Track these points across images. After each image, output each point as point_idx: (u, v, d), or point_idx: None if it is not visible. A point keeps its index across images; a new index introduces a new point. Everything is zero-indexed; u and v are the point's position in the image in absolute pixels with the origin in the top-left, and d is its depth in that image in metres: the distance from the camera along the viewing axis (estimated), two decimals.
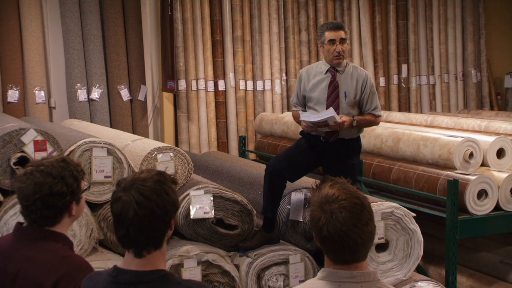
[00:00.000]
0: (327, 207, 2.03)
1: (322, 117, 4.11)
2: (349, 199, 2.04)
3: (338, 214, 2.01)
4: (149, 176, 2.16)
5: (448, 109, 9.16)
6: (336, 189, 2.08)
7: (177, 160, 4.32)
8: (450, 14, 9.25)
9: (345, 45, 4.31)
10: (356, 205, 2.03)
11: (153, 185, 2.13)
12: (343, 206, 2.01)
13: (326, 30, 4.29)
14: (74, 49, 6.76)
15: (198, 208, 4.04)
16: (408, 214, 4.28)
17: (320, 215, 2.03)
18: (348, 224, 2.00)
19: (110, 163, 4.12)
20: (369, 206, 2.07)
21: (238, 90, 7.82)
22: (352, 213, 2.01)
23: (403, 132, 5.63)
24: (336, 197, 2.04)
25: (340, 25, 4.33)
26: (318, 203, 2.06)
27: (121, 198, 2.11)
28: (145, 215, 2.09)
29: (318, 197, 2.08)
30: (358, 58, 8.54)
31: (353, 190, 2.09)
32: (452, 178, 4.63)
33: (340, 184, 2.11)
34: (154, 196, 2.11)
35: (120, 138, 4.90)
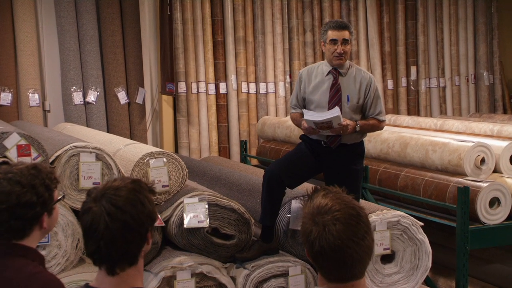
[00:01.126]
0: (319, 219, 1.90)
1: (327, 116, 3.96)
2: (343, 209, 1.90)
3: (331, 226, 1.87)
4: (122, 185, 2.02)
5: (459, 113, 9.08)
6: (329, 199, 1.94)
7: (170, 166, 4.17)
8: (462, 14, 9.17)
9: (348, 47, 4.13)
10: (352, 216, 1.90)
11: (127, 194, 1.99)
12: (336, 217, 1.88)
13: (329, 29, 4.13)
14: (69, 50, 6.65)
15: (192, 217, 3.92)
16: (416, 224, 4.18)
17: (311, 228, 1.90)
18: (342, 238, 1.86)
19: (99, 169, 3.97)
20: (366, 217, 1.93)
21: (240, 93, 7.71)
22: (347, 225, 1.88)
23: (411, 136, 5.55)
24: (329, 207, 1.91)
25: (344, 25, 4.14)
26: (310, 214, 1.93)
27: (91, 209, 1.98)
28: (118, 228, 1.95)
29: (310, 208, 1.95)
30: (365, 59, 8.44)
31: (348, 200, 1.96)
32: (463, 185, 4.54)
33: (334, 194, 1.97)
34: (128, 206, 1.97)
35: (112, 142, 4.79)
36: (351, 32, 4.15)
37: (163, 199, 4.12)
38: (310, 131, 4.09)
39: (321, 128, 4.01)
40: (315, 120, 3.98)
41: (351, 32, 4.15)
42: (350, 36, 4.12)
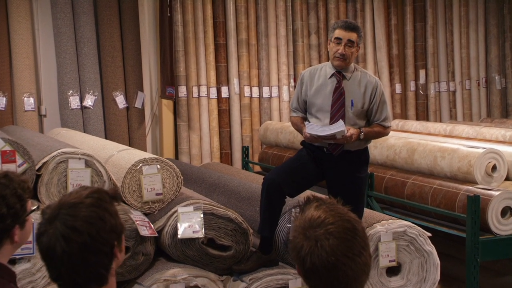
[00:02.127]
0: (311, 233, 1.77)
1: (331, 131, 3.82)
2: (337, 222, 1.77)
3: (324, 241, 1.74)
4: (78, 200, 1.85)
5: (470, 118, 8.97)
6: (323, 211, 1.80)
7: (164, 173, 4.08)
8: (472, 16, 9.02)
9: (353, 50, 3.95)
10: (347, 230, 1.77)
11: (84, 211, 1.82)
12: (330, 231, 1.75)
13: (337, 27, 3.97)
14: (66, 52, 6.56)
15: (186, 227, 3.83)
16: (423, 234, 4.10)
17: (302, 242, 1.78)
18: (336, 254, 1.73)
19: (88, 176, 3.89)
20: (363, 231, 1.81)
21: (242, 97, 7.61)
22: (341, 240, 1.75)
23: (418, 142, 5.44)
24: (322, 220, 1.78)
25: (353, 26, 3.96)
26: (301, 228, 1.80)
27: (46, 232, 1.81)
28: (77, 252, 1.78)
29: (301, 221, 1.82)
30: (372, 63, 8.35)
31: (344, 212, 1.82)
32: (473, 194, 4.42)
33: (328, 205, 1.83)
34: (86, 226, 1.80)
35: (105, 148, 4.69)
36: (360, 35, 3.97)
37: (157, 208, 4.04)
38: (312, 139, 3.95)
39: (324, 138, 3.88)
40: (318, 135, 3.85)
41: (360, 35, 3.97)
42: (357, 39, 3.94)
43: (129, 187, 3.95)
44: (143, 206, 3.99)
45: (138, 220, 3.80)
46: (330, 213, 1.79)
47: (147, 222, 3.85)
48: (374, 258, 4.00)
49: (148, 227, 3.81)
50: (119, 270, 3.75)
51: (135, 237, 3.78)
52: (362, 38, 3.97)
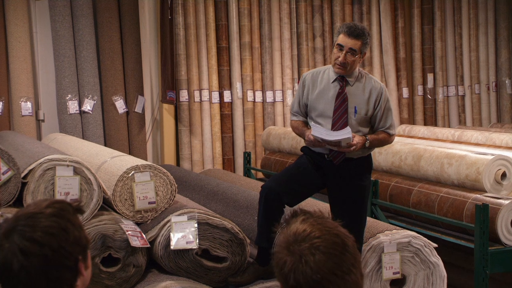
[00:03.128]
0: (296, 248, 1.64)
1: (338, 137, 3.67)
2: (325, 236, 1.64)
3: (309, 256, 1.62)
4: (37, 210, 1.69)
5: (480, 123, 8.91)
6: (309, 225, 1.68)
7: (157, 181, 3.96)
8: (482, 18, 8.95)
9: (355, 58, 3.77)
10: (335, 245, 1.64)
11: (44, 221, 1.67)
12: (316, 246, 1.62)
13: (342, 32, 3.80)
14: (64, 56, 6.46)
15: (180, 237, 3.73)
16: (429, 245, 4.04)
17: (285, 258, 1.65)
18: (323, 271, 1.61)
19: (77, 184, 3.74)
20: (353, 247, 1.68)
21: (245, 102, 7.53)
22: (328, 256, 1.62)
23: (425, 148, 5.33)
24: (307, 234, 1.65)
25: (357, 33, 3.76)
26: (285, 242, 1.68)
27: (1, 247, 1.66)
28: (36, 267, 1.63)
29: (285, 235, 1.69)
30: (378, 66, 8.27)
31: (333, 226, 1.69)
32: (481, 203, 4.33)
33: (316, 219, 1.70)
34: (46, 237, 1.65)
35: (99, 154, 4.56)
36: (365, 42, 3.77)
37: (150, 217, 3.91)
38: (314, 143, 3.79)
39: (328, 144, 3.73)
40: (324, 139, 3.70)
41: (365, 42, 3.77)
42: (361, 47, 3.76)
43: (121, 195, 3.84)
44: (135, 215, 3.87)
45: (129, 230, 3.69)
46: (317, 227, 1.66)
47: (139, 232, 3.74)
48: (378, 270, 3.91)
49: (139, 238, 3.69)
50: (109, 283, 3.65)
51: (125, 248, 3.67)
52: (368, 44, 3.78)
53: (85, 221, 3.66)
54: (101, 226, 3.66)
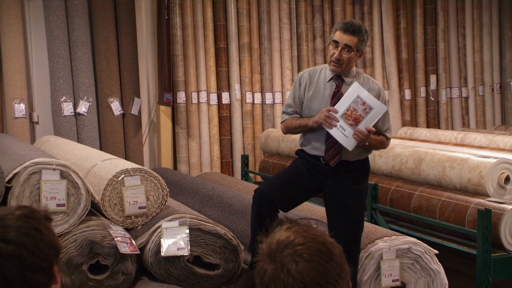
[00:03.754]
0: (278, 256, 1.54)
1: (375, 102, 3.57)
2: (309, 244, 1.54)
3: (291, 264, 1.51)
4: (7, 212, 1.61)
5: (483, 125, 8.86)
6: (293, 232, 1.58)
7: (148, 185, 3.86)
8: (486, 19, 8.91)
9: (351, 55, 3.65)
10: (320, 253, 1.53)
11: (16, 222, 1.58)
12: (299, 253, 1.52)
13: (338, 29, 3.70)
14: (59, 57, 6.37)
15: (170, 244, 3.65)
16: (429, 251, 3.98)
17: (266, 266, 1.55)
18: (306, 280, 1.50)
19: (64, 188, 3.63)
20: (340, 257, 1.57)
21: (244, 104, 7.46)
22: (313, 264, 1.51)
23: (426, 151, 5.25)
24: (290, 241, 1.55)
25: (353, 29, 3.65)
26: (267, 251, 1.58)
27: None
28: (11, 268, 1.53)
29: (268, 244, 1.59)
30: (380, 67, 8.20)
31: (318, 233, 1.59)
32: (484, 208, 4.25)
33: (302, 227, 1.59)
34: (21, 237, 1.56)
35: (90, 157, 4.45)
36: (362, 39, 3.66)
37: (140, 223, 3.82)
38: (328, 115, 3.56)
39: (346, 117, 3.56)
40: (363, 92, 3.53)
41: (362, 39, 3.66)
42: (358, 43, 3.64)
43: (110, 200, 3.74)
44: (125, 220, 3.78)
45: (118, 236, 3.59)
46: (302, 234, 1.56)
47: (128, 238, 3.64)
48: (376, 278, 3.84)
49: (129, 244, 3.59)
50: None
51: (114, 255, 3.58)
52: (365, 42, 3.66)
53: (72, 227, 3.56)
54: (89, 232, 3.56)
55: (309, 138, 3.76)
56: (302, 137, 3.83)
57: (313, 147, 3.74)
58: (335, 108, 3.56)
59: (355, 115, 3.54)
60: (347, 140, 3.57)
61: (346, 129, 3.55)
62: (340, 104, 3.56)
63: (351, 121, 3.55)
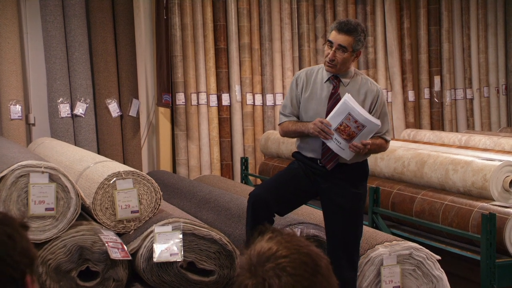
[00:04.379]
0: (259, 270, 1.42)
1: (370, 118, 3.45)
2: (293, 256, 1.43)
3: (273, 279, 1.40)
4: None
5: (489, 127, 8.77)
6: (275, 242, 1.47)
7: (141, 188, 3.79)
8: (491, 19, 8.82)
9: (345, 55, 3.53)
10: (305, 266, 1.42)
11: None
12: (282, 266, 1.40)
13: (334, 28, 3.59)
14: (56, 58, 6.31)
15: (163, 249, 3.58)
16: (431, 257, 3.92)
17: (246, 282, 1.44)
18: None
19: (53, 192, 3.55)
20: (327, 269, 1.46)
21: (244, 105, 7.39)
22: (297, 278, 1.40)
23: (429, 154, 5.16)
24: (272, 253, 1.44)
25: (348, 29, 3.53)
26: (247, 264, 1.46)
27: None
28: None
29: (248, 256, 1.48)
30: (383, 68, 8.12)
31: (303, 244, 1.48)
32: (488, 212, 4.18)
33: (285, 237, 1.49)
34: None
35: (82, 160, 4.36)
36: (358, 39, 3.53)
37: (133, 227, 3.74)
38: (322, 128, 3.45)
39: (339, 132, 3.45)
40: (354, 111, 3.40)
41: (358, 39, 3.53)
42: (353, 44, 3.52)
43: (101, 203, 3.66)
44: (116, 225, 3.70)
45: (110, 241, 3.50)
46: (285, 245, 1.44)
47: (120, 243, 3.55)
48: (376, 284, 3.76)
49: (120, 249, 3.51)
50: None
51: (105, 261, 3.50)
52: (361, 42, 3.53)
53: (61, 232, 3.47)
54: (79, 237, 3.49)
55: (306, 140, 3.64)
56: (299, 139, 3.71)
57: (310, 149, 3.63)
58: (328, 121, 3.44)
59: (349, 131, 3.44)
60: (344, 152, 3.47)
61: (342, 142, 3.46)
62: (332, 118, 3.45)
63: (345, 136, 3.44)
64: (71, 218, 3.50)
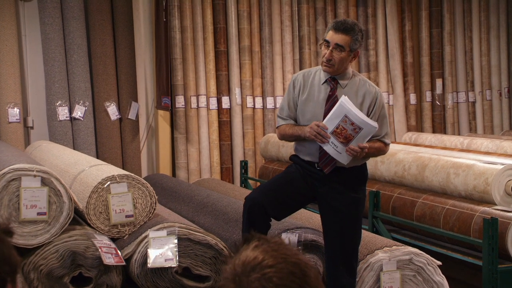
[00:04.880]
0: (244, 280, 1.36)
1: (366, 120, 3.37)
2: (280, 265, 1.36)
3: None
4: None
5: (491, 131, 8.70)
6: (261, 251, 1.40)
7: (136, 192, 3.72)
8: (493, 21, 8.75)
9: (342, 55, 3.46)
10: (292, 276, 1.35)
11: None
12: (268, 276, 1.34)
13: (330, 28, 3.52)
14: (54, 60, 6.25)
15: (158, 254, 3.52)
16: (432, 263, 3.84)
17: None
18: None
19: (45, 196, 3.50)
20: (316, 279, 1.39)
21: (245, 108, 7.31)
22: None
23: (430, 157, 5.10)
24: (258, 262, 1.37)
25: (346, 28, 3.46)
26: (231, 274, 1.40)
27: None
28: None
29: (232, 265, 1.41)
30: (384, 71, 8.04)
31: (291, 253, 1.41)
32: (490, 216, 4.12)
33: (271, 245, 1.41)
34: None
35: (77, 163, 4.30)
36: (355, 38, 3.46)
37: (127, 232, 3.67)
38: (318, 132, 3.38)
39: (336, 135, 3.37)
40: (350, 113, 3.33)
41: (355, 38, 3.46)
42: (350, 43, 3.45)
43: (95, 208, 3.60)
44: (111, 229, 3.64)
45: (103, 246, 3.44)
46: (271, 254, 1.38)
47: (114, 248, 3.49)
48: None
49: (114, 255, 3.45)
50: None
51: (98, 266, 3.44)
52: (358, 41, 3.47)
53: (54, 237, 3.41)
54: (71, 242, 3.43)
55: (303, 143, 3.57)
56: (297, 142, 3.65)
57: (307, 153, 3.55)
58: (324, 124, 3.37)
59: (345, 134, 3.36)
60: (341, 156, 3.39)
61: (338, 146, 3.38)
62: (329, 121, 3.37)
63: (341, 139, 3.36)
64: (64, 222, 3.45)
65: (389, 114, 7.92)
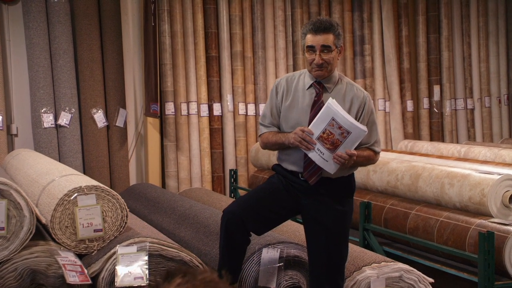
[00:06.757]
0: None
1: (355, 123, 3.18)
2: None
3: None
4: None
5: (490, 139, 8.68)
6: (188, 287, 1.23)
7: (105, 204, 3.52)
8: (492, 27, 8.76)
9: (332, 55, 3.29)
10: None
11: None
12: None
13: (308, 32, 3.34)
14: (39, 66, 6.15)
15: (126, 272, 3.33)
16: (424, 280, 3.68)
17: None
18: None
19: (3, 209, 3.31)
20: None
21: (237, 115, 7.23)
22: None
23: (423, 166, 4.96)
24: None
25: (326, 26, 3.29)
26: None
27: None
28: None
29: None
30: (381, 78, 7.98)
31: None
32: (486, 230, 4.00)
33: (197, 283, 1.24)
34: None
35: (49, 173, 4.08)
36: (337, 34, 3.29)
37: (96, 248, 3.47)
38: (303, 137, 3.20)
39: (322, 140, 3.19)
40: (338, 115, 3.14)
41: (337, 34, 3.29)
42: (335, 40, 3.28)
43: (61, 221, 3.38)
44: (78, 245, 3.42)
45: (67, 264, 3.24)
46: None
47: (79, 266, 3.29)
48: None
49: (79, 273, 3.24)
50: None
51: (60, 286, 3.23)
52: (341, 35, 3.30)
53: (13, 254, 3.20)
54: (32, 260, 3.21)
55: (287, 151, 3.38)
56: (280, 151, 3.46)
57: (291, 162, 3.37)
58: (310, 129, 3.18)
59: (332, 139, 3.17)
60: (327, 164, 3.19)
61: (325, 153, 3.18)
62: (314, 125, 3.19)
63: (328, 145, 3.17)
64: (24, 238, 3.24)
65: (385, 122, 7.82)
